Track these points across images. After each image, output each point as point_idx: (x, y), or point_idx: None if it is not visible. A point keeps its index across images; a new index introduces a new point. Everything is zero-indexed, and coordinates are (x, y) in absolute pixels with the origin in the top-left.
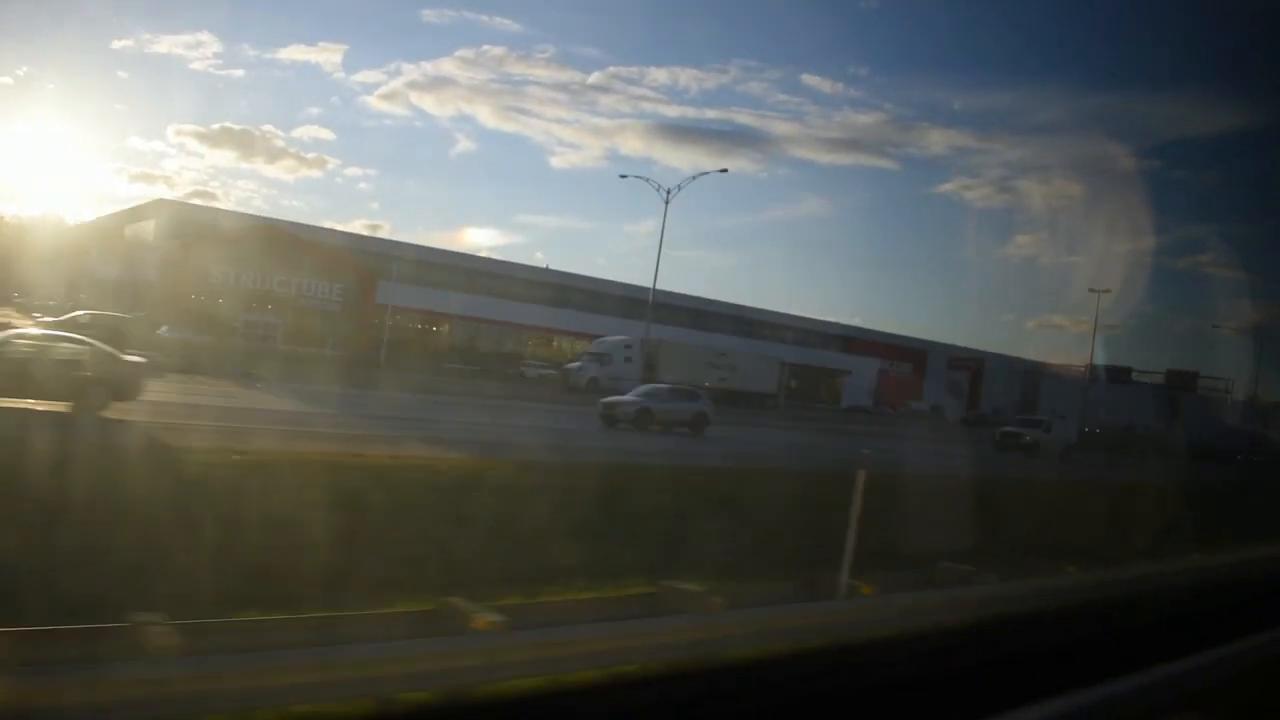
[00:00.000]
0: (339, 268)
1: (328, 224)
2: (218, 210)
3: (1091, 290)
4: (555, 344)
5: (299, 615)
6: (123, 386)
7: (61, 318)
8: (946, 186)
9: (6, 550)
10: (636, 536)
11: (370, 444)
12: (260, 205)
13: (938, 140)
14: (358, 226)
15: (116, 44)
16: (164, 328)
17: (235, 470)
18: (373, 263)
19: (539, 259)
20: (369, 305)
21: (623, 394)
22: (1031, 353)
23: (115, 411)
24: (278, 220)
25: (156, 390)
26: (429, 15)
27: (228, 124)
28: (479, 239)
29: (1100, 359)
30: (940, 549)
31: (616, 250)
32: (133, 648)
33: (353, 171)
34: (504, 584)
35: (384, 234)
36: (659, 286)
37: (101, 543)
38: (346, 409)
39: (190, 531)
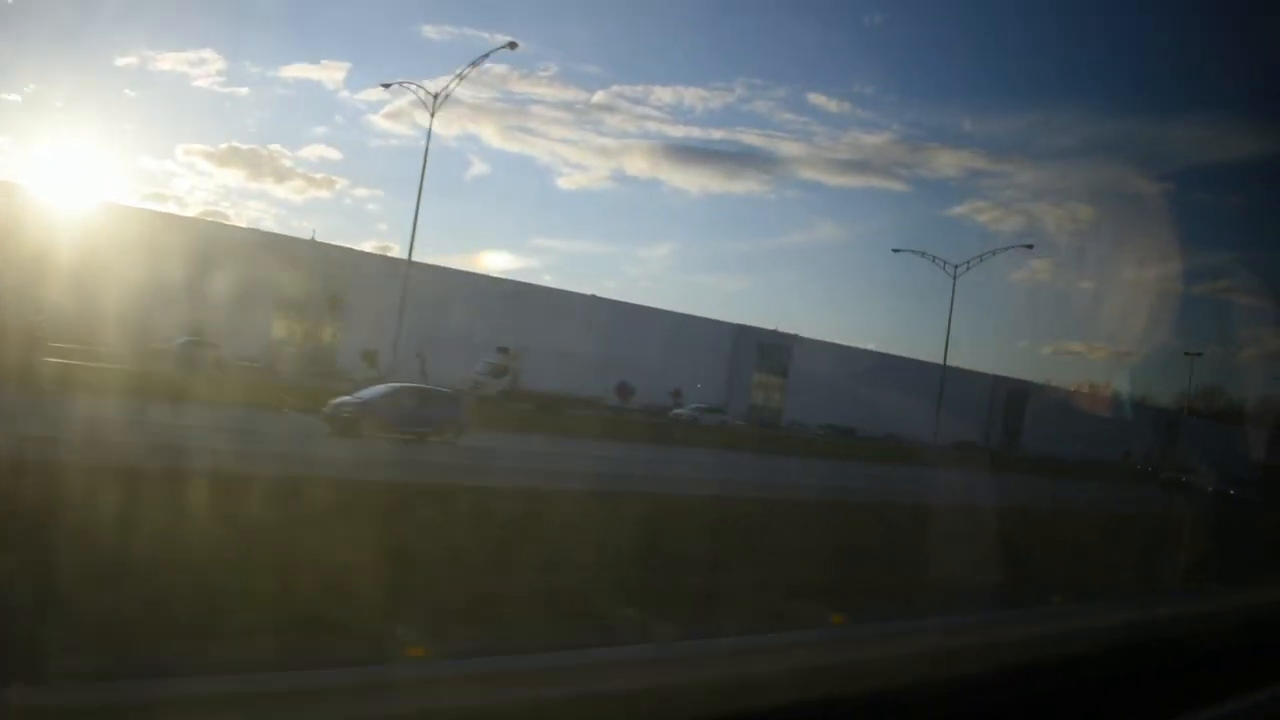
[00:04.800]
0: None
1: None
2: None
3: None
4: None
5: None
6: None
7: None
8: (959, 209)
9: None
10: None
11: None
12: (271, 226)
13: (948, 161)
14: (368, 247)
15: (120, 61)
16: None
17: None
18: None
19: (548, 280)
20: None
21: None
22: (1051, 379)
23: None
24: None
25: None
26: (429, 32)
27: (235, 143)
28: (495, 262)
29: (1123, 388)
30: None
31: (630, 274)
32: None
33: (361, 192)
34: None
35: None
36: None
37: None
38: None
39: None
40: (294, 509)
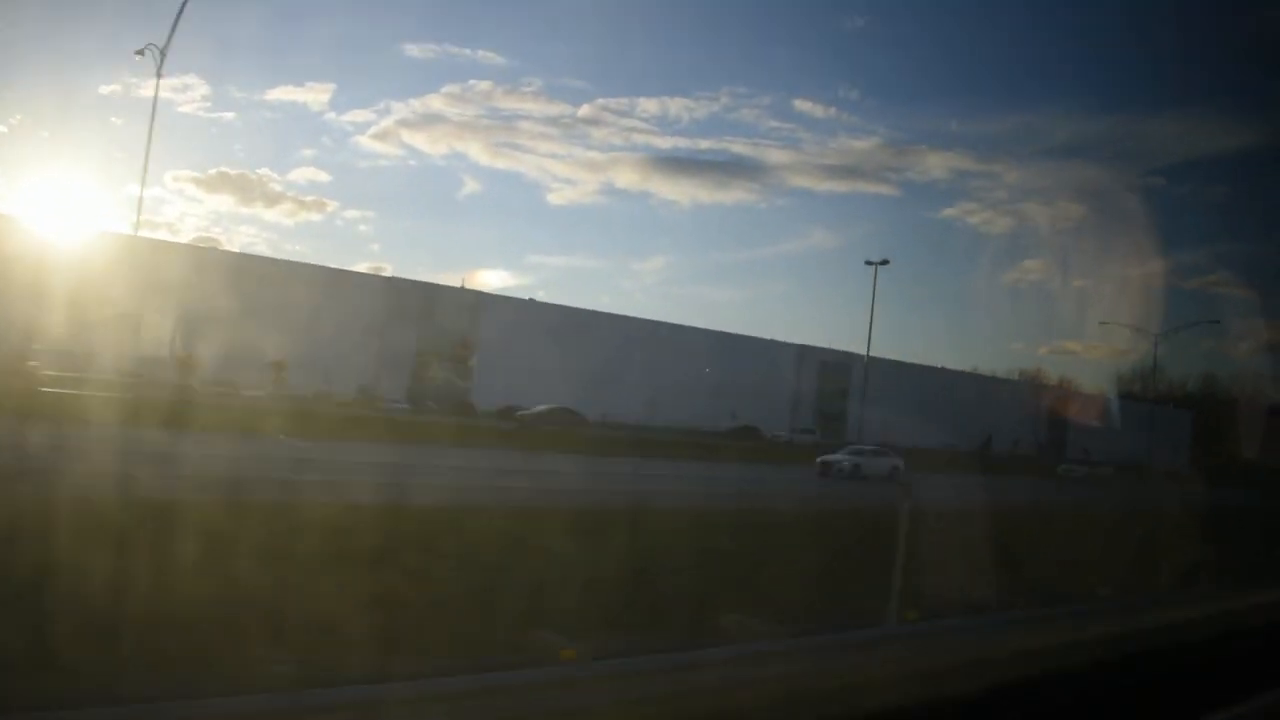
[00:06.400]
0: None
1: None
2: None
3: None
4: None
5: None
6: None
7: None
8: (949, 211)
9: None
10: None
11: None
12: (264, 250)
13: (936, 163)
14: (362, 269)
15: (104, 89)
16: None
17: None
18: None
19: (541, 296)
20: None
21: None
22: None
23: None
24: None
25: None
26: (412, 50)
27: (224, 169)
28: (491, 280)
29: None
30: None
31: (624, 288)
32: None
33: (351, 214)
34: None
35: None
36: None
37: None
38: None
39: None
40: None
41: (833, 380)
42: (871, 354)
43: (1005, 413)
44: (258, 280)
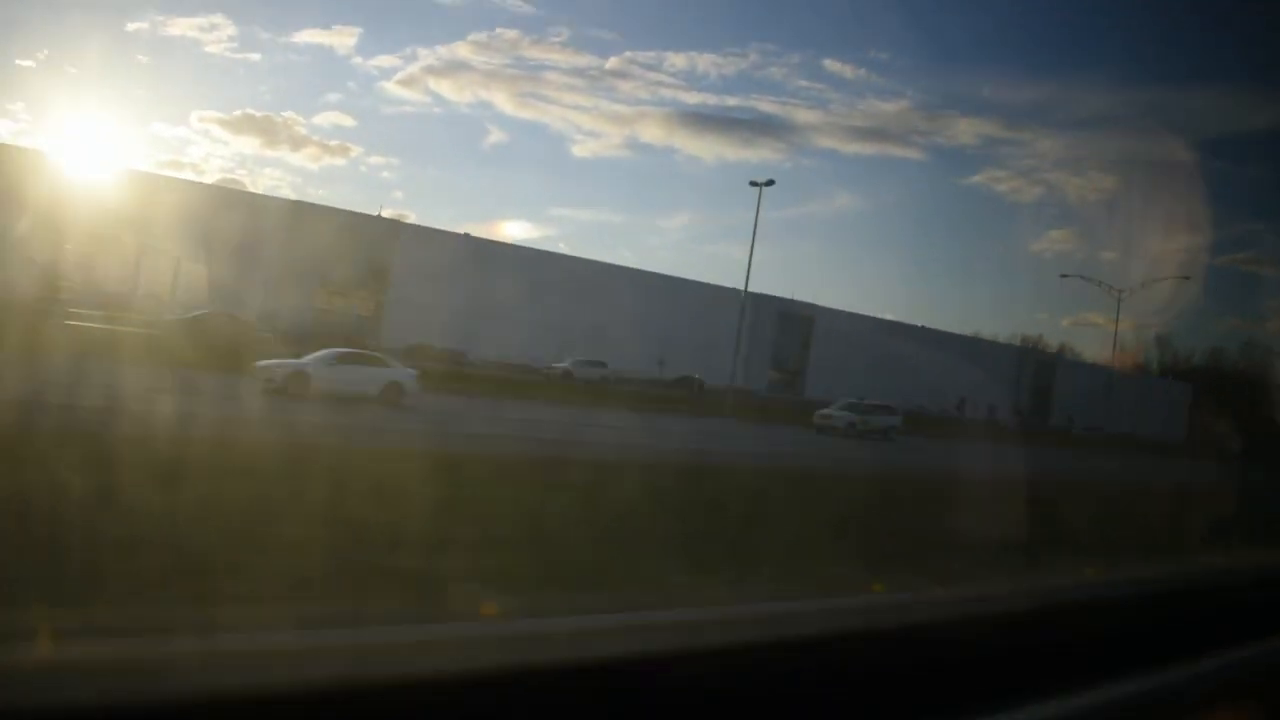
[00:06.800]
0: None
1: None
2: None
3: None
4: None
5: None
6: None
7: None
8: (977, 178)
9: None
10: None
11: None
12: (288, 193)
13: (965, 129)
14: (386, 215)
15: (131, 26)
16: None
17: None
18: None
19: (562, 249)
20: None
21: None
22: (1071, 351)
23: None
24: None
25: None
26: None
27: (249, 110)
28: (514, 231)
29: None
30: None
31: (648, 244)
32: None
33: (376, 159)
34: None
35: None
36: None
37: None
38: None
39: None
40: None
41: (791, 332)
42: (851, 309)
43: (991, 376)
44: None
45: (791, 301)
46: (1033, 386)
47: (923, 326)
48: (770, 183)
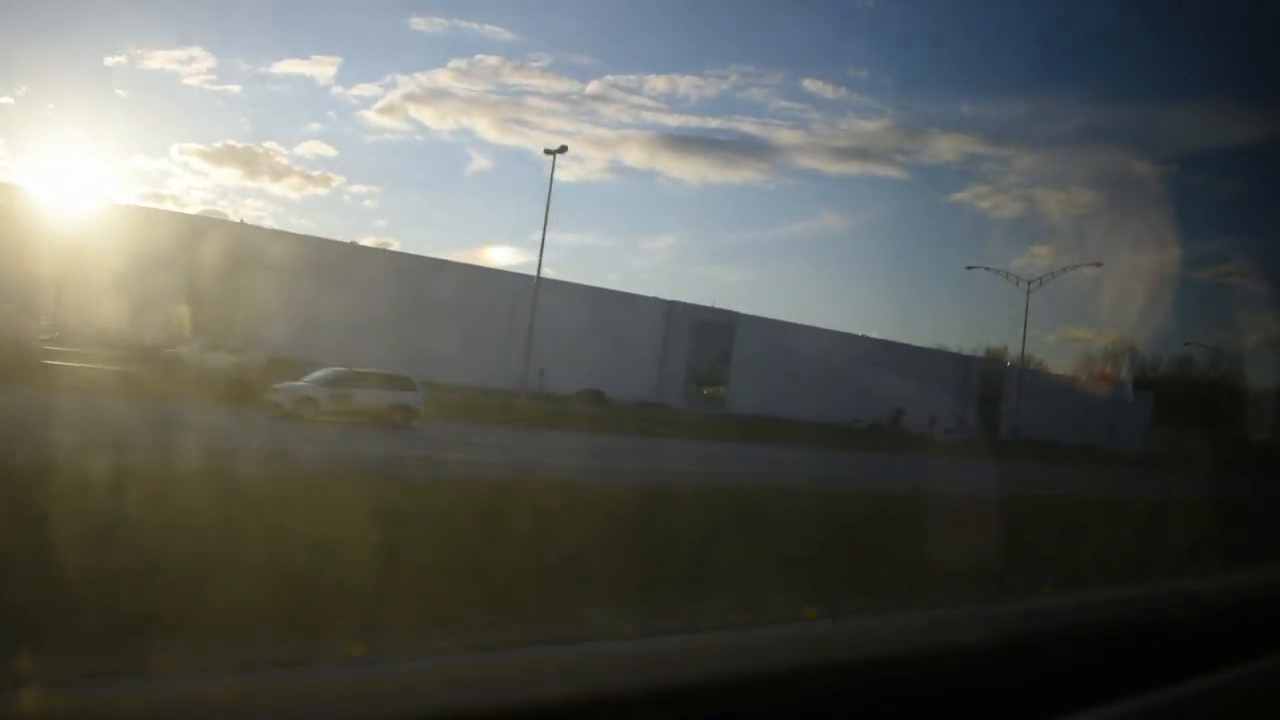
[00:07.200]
0: None
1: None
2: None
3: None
4: None
5: None
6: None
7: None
8: (960, 195)
9: None
10: None
11: None
12: (270, 224)
13: (947, 146)
14: (369, 243)
15: (109, 60)
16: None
17: None
18: None
19: (549, 274)
20: None
21: None
22: (1052, 366)
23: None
24: None
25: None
26: (419, 24)
27: (230, 142)
28: (499, 257)
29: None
30: None
31: (634, 266)
32: None
33: (358, 188)
34: None
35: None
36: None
37: None
38: None
39: None
40: None
41: (710, 342)
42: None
43: (937, 387)
44: None
45: (710, 309)
46: (980, 397)
47: (864, 336)
48: (563, 149)
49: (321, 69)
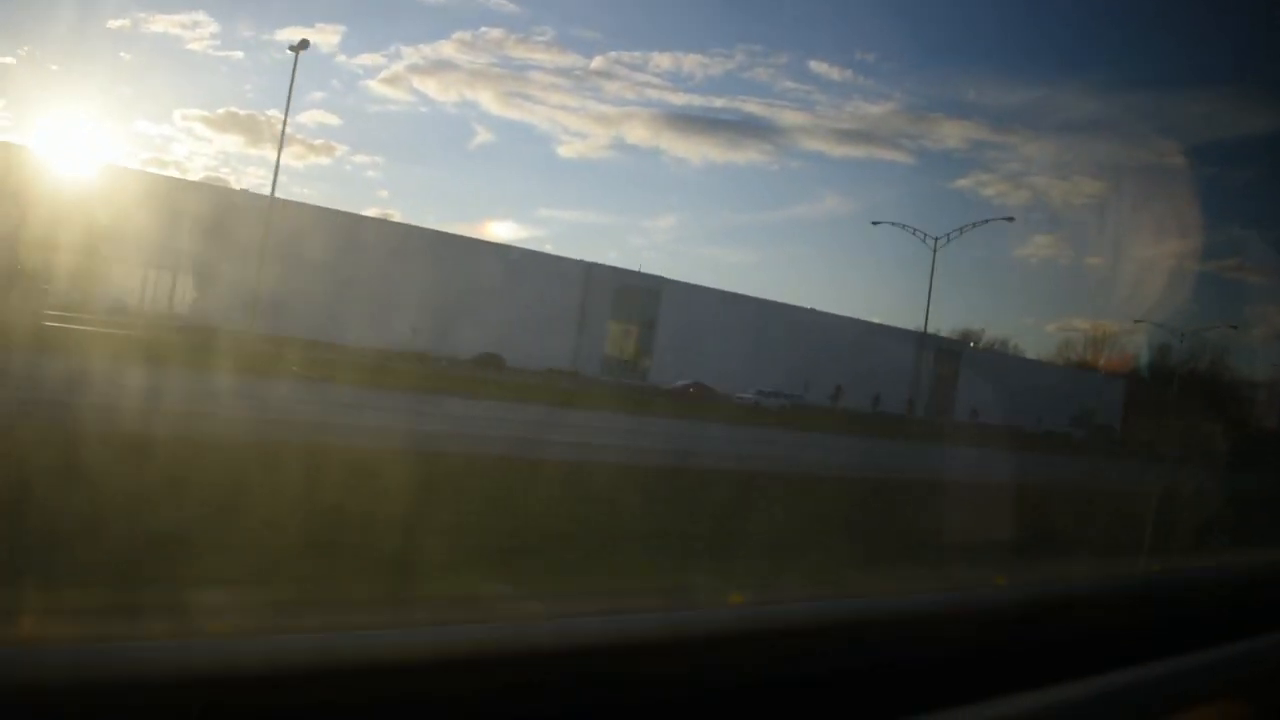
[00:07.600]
0: None
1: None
2: None
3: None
4: None
5: None
6: None
7: None
8: (963, 181)
9: None
10: None
11: None
12: (265, 192)
13: (952, 132)
14: (372, 214)
15: (113, 24)
16: None
17: None
18: None
19: (549, 249)
20: None
21: None
22: (1050, 355)
23: None
24: None
25: None
26: None
27: (233, 108)
28: (501, 232)
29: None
30: None
31: (635, 244)
32: None
33: (361, 159)
34: None
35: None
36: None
37: None
38: None
39: None
40: None
41: (632, 309)
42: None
43: (887, 366)
44: None
45: (634, 273)
46: (934, 377)
47: (811, 309)
48: (305, 44)
49: (325, 37)
